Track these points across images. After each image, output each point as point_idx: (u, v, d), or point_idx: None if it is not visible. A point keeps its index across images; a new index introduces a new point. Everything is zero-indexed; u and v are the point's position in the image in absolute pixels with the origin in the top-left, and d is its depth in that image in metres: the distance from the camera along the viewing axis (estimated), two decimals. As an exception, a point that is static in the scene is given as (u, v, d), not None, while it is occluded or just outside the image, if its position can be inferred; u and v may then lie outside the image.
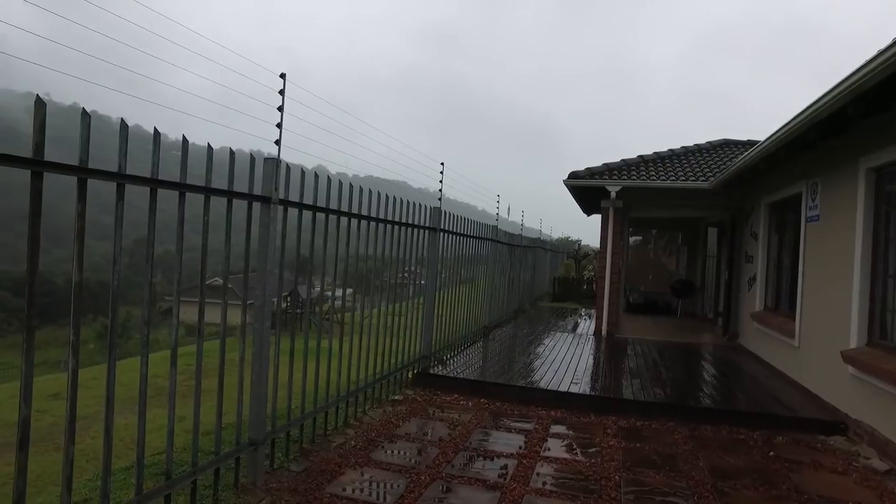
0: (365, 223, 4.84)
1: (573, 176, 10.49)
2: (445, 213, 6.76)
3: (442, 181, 6.92)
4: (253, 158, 3.42)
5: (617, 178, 10.31)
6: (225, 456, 3.38)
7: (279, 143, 3.55)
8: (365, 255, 4.99)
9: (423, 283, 6.65)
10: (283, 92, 3.57)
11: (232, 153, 3.23)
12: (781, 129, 5.78)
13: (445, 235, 6.86)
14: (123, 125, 2.62)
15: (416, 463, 4.10)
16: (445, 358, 7.26)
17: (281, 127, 3.52)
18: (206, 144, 3.08)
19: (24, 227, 2.17)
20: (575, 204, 13.32)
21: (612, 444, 4.70)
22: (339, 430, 4.72)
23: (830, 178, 6.01)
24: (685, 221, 15.09)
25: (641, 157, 11.21)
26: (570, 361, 7.69)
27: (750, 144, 11.32)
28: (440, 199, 6.78)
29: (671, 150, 11.67)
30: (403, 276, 6.19)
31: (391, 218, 5.30)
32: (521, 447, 4.52)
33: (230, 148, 3.25)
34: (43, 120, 2.16)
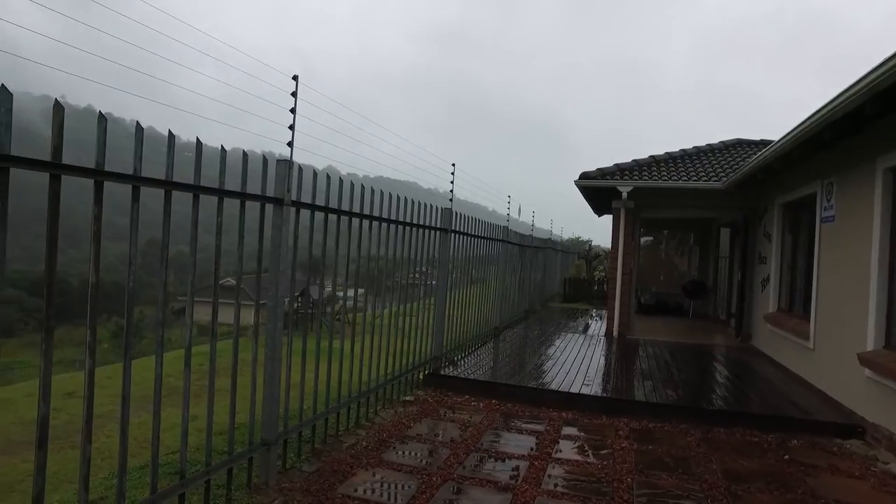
0: (376, 224, 4.85)
1: (584, 176, 10.45)
2: (456, 213, 6.76)
3: (453, 182, 6.91)
4: (266, 160, 3.44)
5: (628, 178, 10.25)
6: (238, 456, 3.41)
7: (291, 144, 3.57)
8: (377, 255, 5.01)
9: (433, 283, 6.65)
10: (295, 94, 3.59)
11: (245, 155, 3.25)
12: (796, 128, 5.72)
13: (456, 236, 6.86)
14: (139, 128, 2.65)
15: (427, 464, 4.11)
16: (456, 359, 7.25)
17: (293, 129, 3.54)
18: (217, 146, 3.11)
19: (39, 227, 2.20)
20: (586, 204, 13.26)
21: (624, 445, 4.67)
22: (350, 430, 4.73)
23: (846, 178, 5.94)
24: (697, 222, 14.97)
25: (653, 157, 11.14)
26: (581, 362, 7.66)
27: (763, 144, 11.21)
28: (451, 199, 6.78)
29: (683, 150, 11.58)
30: (414, 276, 6.19)
31: (402, 219, 5.31)
32: (532, 449, 4.51)
33: (243, 150, 3.28)
34: (61, 123, 2.19)
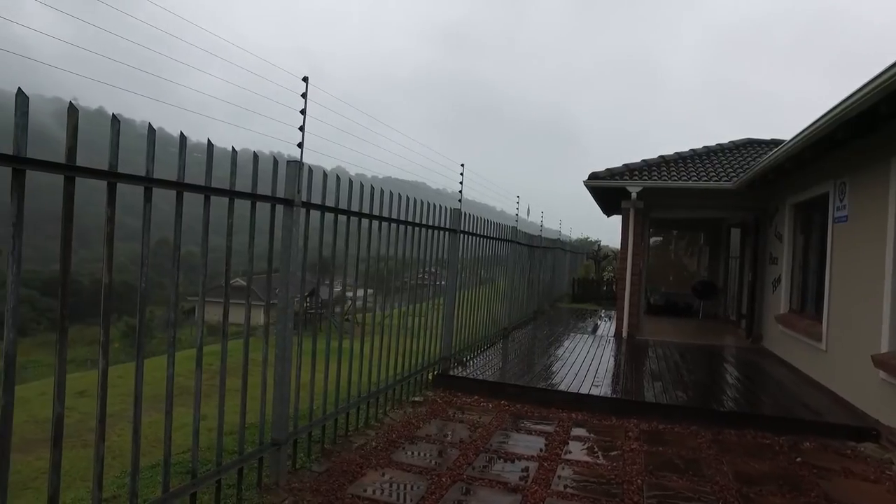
0: (386, 225, 4.86)
1: (593, 177, 10.41)
2: (465, 214, 6.76)
3: (462, 183, 6.91)
4: (276, 161, 3.46)
5: (637, 178, 10.20)
6: (248, 456, 3.42)
7: (302, 145, 3.58)
8: (385, 256, 5.02)
9: (442, 283, 6.65)
10: (305, 95, 3.60)
11: (256, 157, 3.27)
12: (809, 127, 5.67)
13: (465, 237, 6.86)
14: (151, 130, 2.67)
15: (436, 464, 4.11)
16: (465, 359, 7.25)
17: (304, 130, 3.56)
18: (224, 146, 3.12)
19: (51, 228, 2.22)
20: (595, 205, 13.22)
21: (633, 447, 4.65)
22: (360, 430, 4.74)
23: (860, 177, 5.87)
24: (707, 222, 14.87)
25: (662, 157, 11.08)
26: (590, 363, 7.63)
27: (774, 144, 11.12)
28: (460, 200, 6.78)
29: (693, 150, 11.51)
30: (423, 277, 6.20)
31: (412, 220, 5.32)
32: (541, 450, 4.50)
33: (254, 152, 3.29)
34: (75, 125, 2.21)
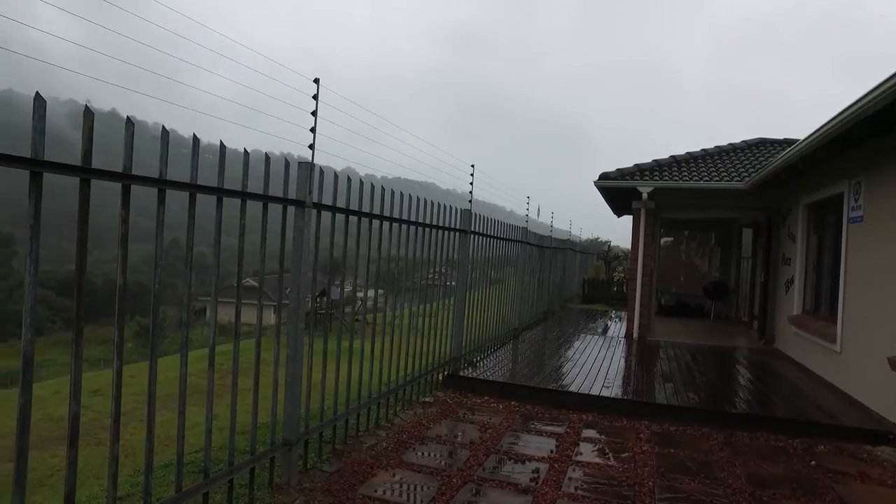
0: (396, 226, 4.87)
1: (604, 177, 10.37)
2: (476, 215, 6.76)
3: (472, 184, 6.91)
4: (287, 163, 3.48)
5: (648, 178, 10.15)
6: (260, 455, 3.44)
7: (313, 147, 3.60)
8: (396, 256, 5.03)
9: (452, 284, 6.65)
10: (316, 97, 3.62)
11: (267, 158, 3.29)
12: (823, 126, 5.61)
13: (475, 237, 6.86)
14: (164, 132, 2.70)
15: (447, 465, 4.11)
16: (475, 360, 7.25)
17: (315, 131, 3.57)
18: (233, 147, 3.14)
19: (65, 229, 2.25)
20: (605, 205, 13.16)
21: (645, 449, 4.63)
22: (370, 431, 4.75)
23: (875, 177, 5.80)
24: (718, 222, 14.76)
25: (673, 157, 11.02)
26: (601, 364, 7.60)
27: (787, 143, 11.01)
28: (470, 201, 6.77)
29: (704, 149, 11.42)
30: (433, 277, 6.20)
31: (422, 220, 5.32)
32: (552, 451, 4.48)
33: (266, 153, 3.31)
34: (91, 128, 2.24)
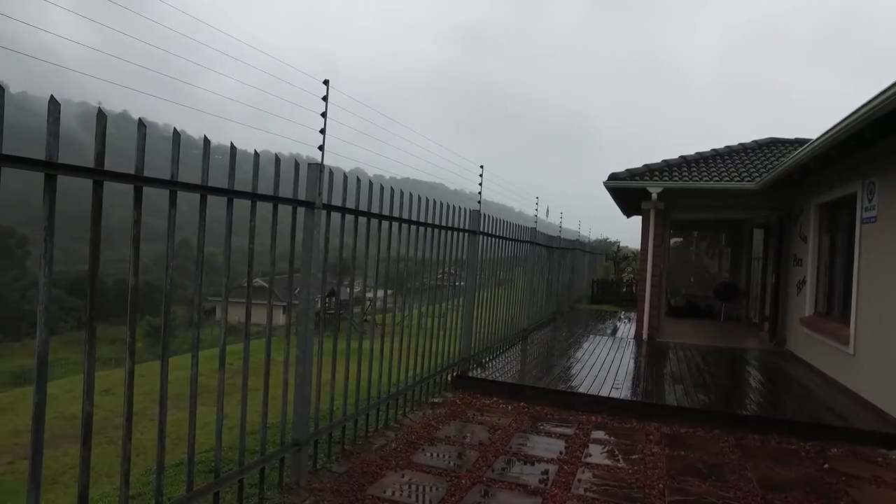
0: (405, 226, 4.87)
1: (613, 177, 10.32)
2: (484, 215, 6.75)
3: (481, 184, 6.91)
4: (297, 164, 3.49)
5: (658, 179, 10.09)
6: (270, 456, 3.46)
7: (322, 148, 3.61)
8: (406, 257, 5.03)
9: (461, 284, 6.65)
10: (326, 98, 3.63)
11: (277, 160, 3.30)
12: (836, 126, 5.55)
13: (484, 238, 6.85)
14: (176, 134, 2.72)
15: (456, 466, 4.11)
16: (484, 361, 7.24)
17: (324, 133, 3.58)
18: (242, 148, 3.15)
19: (75, 229, 2.27)
20: (614, 205, 13.10)
21: (654, 451, 4.60)
22: (379, 431, 4.76)
23: (889, 177, 5.73)
24: (729, 223, 14.65)
25: (683, 157, 10.95)
26: (610, 365, 7.56)
27: (798, 143, 10.91)
28: (479, 202, 6.77)
29: (714, 149, 11.34)
30: (442, 277, 6.20)
31: (432, 221, 5.32)
32: (561, 452, 4.47)
33: (276, 155, 3.33)
34: (104, 131, 2.26)
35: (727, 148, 11.51)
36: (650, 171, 10.40)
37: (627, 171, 10.44)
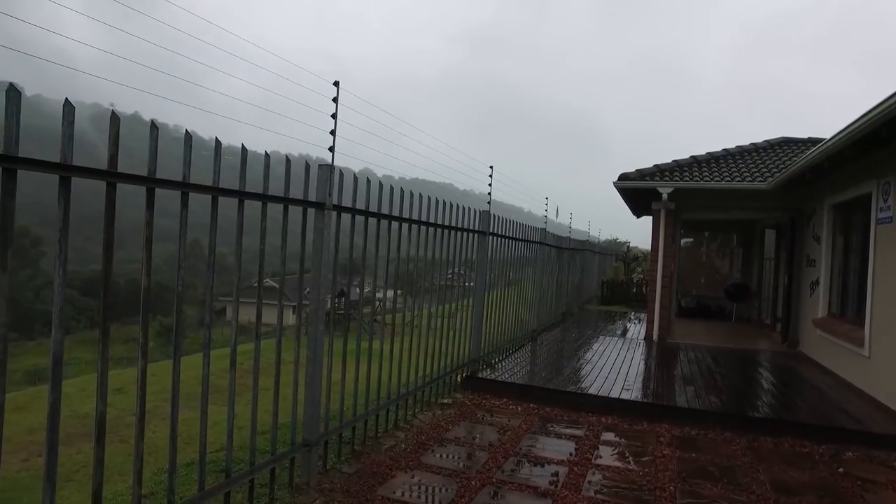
0: (415, 227, 4.88)
1: (623, 178, 10.27)
2: (494, 216, 6.74)
3: (491, 185, 6.90)
4: (308, 166, 3.50)
5: (668, 179, 10.03)
6: (281, 456, 3.47)
7: (333, 150, 3.62)
8: (416, 257, 5.04)
9: (471, 284, 6.65)
10: (336, 99, 3.63)
11: (288, 161, 3.32)
12: (850, 125, 5.48)
13: (494, 238, 6.84)
14: (188, 136, 2.74)
15: (465, 467, 4.10)
16: (494, 361, 7.23)
17: (335, 134, 3.59)
18: (251, 149, 3.17)
19: (88, 229, 2.28)
20: (624, 205, 13.03)
21: (665, 453, 4.57)
22: (389, 432, 4.77)
23: (903, 177, 5.66)
24: (740, 223, 14.53)
25: (694, 157, 10.87)
26: (620, 367, 7.52)
27: (811, 142, 10.80)
28: (489, 203, 6.76)
29: (725, 149, 11.25)
30: (452, 278, 6.20)
31: (441, 222, 5.32)
32: (571, 454, 4.45)
33: (286, 156, 3.34)
34: (117, 133, 2.28)
35: (738, 148, 11.42)
36: (660, 171, 10.33)
37: (638, 171, 10.39)
